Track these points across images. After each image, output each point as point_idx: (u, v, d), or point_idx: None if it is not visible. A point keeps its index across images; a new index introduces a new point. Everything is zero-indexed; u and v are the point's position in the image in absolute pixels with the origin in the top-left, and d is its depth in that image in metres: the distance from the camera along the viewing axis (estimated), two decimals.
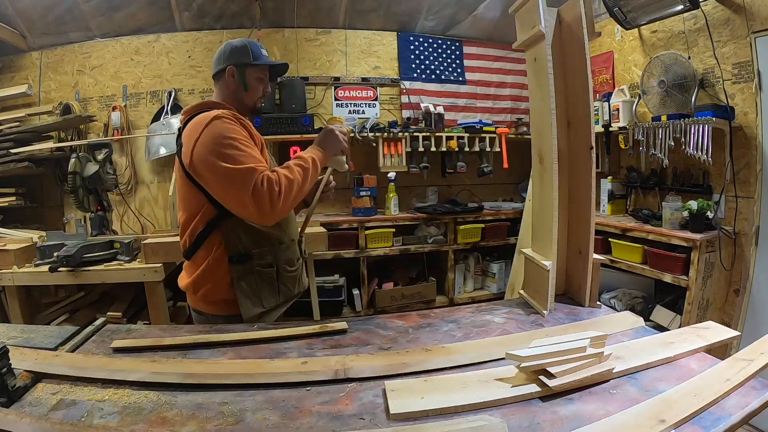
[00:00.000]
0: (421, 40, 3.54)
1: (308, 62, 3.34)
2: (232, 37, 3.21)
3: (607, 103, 2.97)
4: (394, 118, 3.46)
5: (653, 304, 2.54)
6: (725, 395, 0.85)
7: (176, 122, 3.07)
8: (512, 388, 0.90)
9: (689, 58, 2.52)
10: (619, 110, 2.90)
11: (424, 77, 3.54)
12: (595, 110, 2.88)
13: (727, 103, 2.39)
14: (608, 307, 1.43)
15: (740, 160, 2.38)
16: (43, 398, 0.89)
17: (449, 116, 3.54)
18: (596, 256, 1.41)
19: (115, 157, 2.89)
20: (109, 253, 2.25)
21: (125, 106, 3.15)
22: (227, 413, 0.85)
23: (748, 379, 0.89)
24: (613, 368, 0.95)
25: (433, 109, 3.37)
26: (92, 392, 0.92)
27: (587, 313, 1.36)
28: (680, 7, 2.49)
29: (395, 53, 3.50)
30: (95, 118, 3.10)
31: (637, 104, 2.80)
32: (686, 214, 2.34)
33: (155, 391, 0.92)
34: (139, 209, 3.20)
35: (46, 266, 2.08)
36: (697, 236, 2.23)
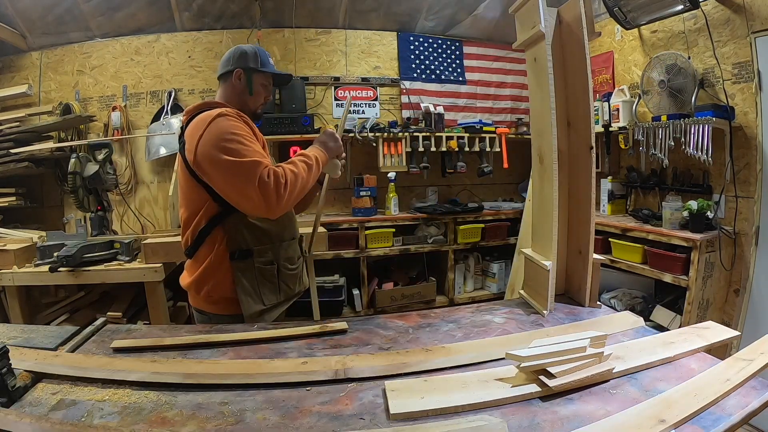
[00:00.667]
0: (421, 40, 3.54)
1: (308, 62, 3.34)
2: (232, 37, 3.22)
3: (607, 103, 2.97)
4: (394, 118, 3.46)
5: (653, 304, 2.54)
6: (725, 395, 0.85)
7: (176, 122, 3.07)
8: (512, 388, 0.90)
9: (689, 58, 2.52)
10: (619, 110, 2.90)
11: (424, 77, 3.54)
12: (595, 110, 2.88)
13: (727, 103, 2.39)
14: (608, 307, 1.43)
15: (740, 160, 2.38)
16: (43, 398, 0.89)
17: (449, 116, 3.54)
18: (596, 256, 1.41)
19: (115, 157, 2.89)
20: (109, 253, 2.25)
21: (125, 106, 3.15)
22: (227, 413, 0.85)
23: (748, 379, 0.89)
24: (613, 368, 0.95)
25: (433, 109, 3.37)
26: (92, 392, 0.92)
27: (587, 313, 1.36)
28: (680, 7, 2.49)
29: (395, 53, 3.50)
30: (95, 118, 3.10)
31: (637, 104, 2.80)
32: (686, 214, 2.34)
33: (155, 391, 0.92)
34: (139, 209, 3.20)
35: (46, 266, 2.08)
36: (697, 236, 2.23)
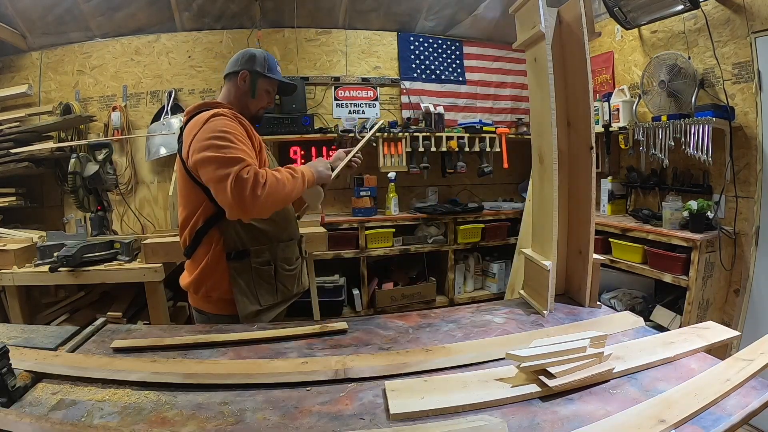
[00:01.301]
0: (421, 40, 3.54)
1: (308, 62, 3.34)
2: (232, 37, 3.22)
3: (607, 103, 2.97)
4: (394, 118, 3.46)
5: (653, 304, 2.54)
6: (725, 395, 0.85)
7: (176, 122, 3.07)
8: (512, 388, 0.90)
9: (689, 58, 2.52)
10: (619, 110, 2.90)
11: (424, 77, 3.54)
12: (595, 110, 2.88)
13: (727, 103, 2.39)
14: (608, 307, 1.43)
15: (740, 160, 2.38)
16: (43, 398, 0.89)
17: (449, 116, 3.54)
18: (596, 256, 1.41)
19: (115, 157, 2.89)
20: (109, 253, 2.25)
21: (125, 106, 3.15)
22: (227, 413, 0.85)
23: (748, 379, 0.89)
24: (613, 368, 0.95)
25: (433, 109, 3.37)
26: (92, 392, 0.92)
27: (587, 313, 1.36)
28: (680, 7, 2.49)
29: (395, 53, 3.50)
30: (95, 118, 3.10)
31: (637, 104, 2.80)
32: (686, 214, 2.34)
33: (155, 391, 0.92)
34: (139, 209, 3.20)
35: (46, 266, 2.08)
36: (697, 236, 2.23)
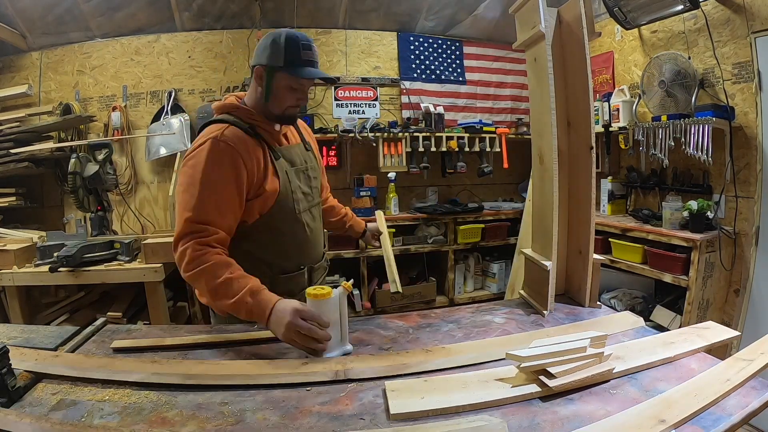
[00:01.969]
0: (421, 40, 3.53)
1: None
2: (232, 37, 3.22)
3: (607, 103, 2.97)
4: (394, 118, 3.45)
5: (653, 304, 2.54)
6: (725, 395, 0.85)
7: (176, 122, 3.07)
8: (512, 388, 0.90)
9: (689, 58, 2.52)
10: (619, 110, 2.90)
11: (424, 77, 3.54)
12: (595, 110, 2.87)
13: (727, 103, 2.39)
14: (608, 307, 1.43)
15: (740, 160, 2.38)
16: (43, 398, 0.89)
17: (449, 116, 3.54)
18: (596, 256, 1.41)
19: (115, 157, 2.89)
20: (109, 253, 2.25)
21: (125, 106, 3.15)
22: (227, 413, 0.85)
23: (748, 379, 0.89)
24: (613, 368, 0.95)
25: (433, 109, 3.37)
26: (92, 392, 0.92)
27: (587, 313, 1.36)
28: (680, 7, 2.49)
29: (395, 53, 3.50)
30: (95, 118, 3.10)
31: (637, 104, 2.80)
32: (686, 214, 2.34)
33: (155, 391, 0.92)
34: (139, 209, 3.20)
35: (46, 266, 2.09)
36: (697, 236, 2.23)
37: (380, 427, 0.81)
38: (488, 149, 3.38)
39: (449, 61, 3.60)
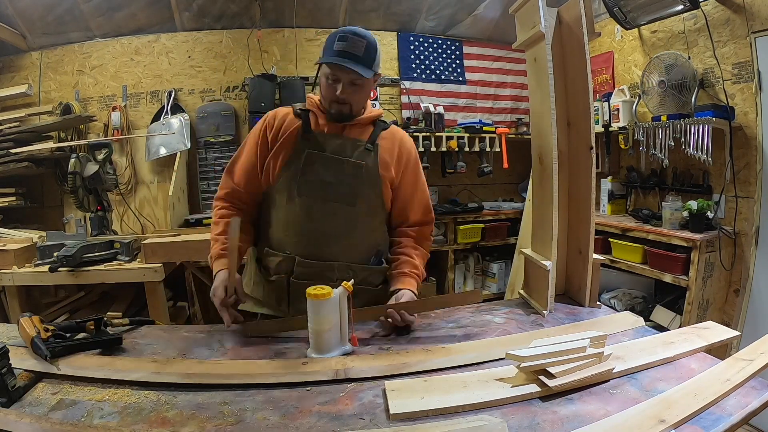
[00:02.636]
0: (421, 40, 3.53)
1: (308, 62, 3.34)
2: (232, 37, 3.21)
3: (607, 103, 2.97)
4: (394, 118, 3.45)
5: (653, 304, 2.54)
6: (725, 395, 0.85)
7: (176, 122, 3.07)
8: (512, 388, 0.90)
9: (689, 58, 2.52)
10: (619, 110, 2.90)
11: (424, 77, 3.54)
12: (595, 110, 2.87)
13: (727, 103, 2.39)
14: (608, 307, 1.43)
15: (740, 160, 2.38)
16: (43, 398, 0.89)
17: (449, 116, 3.54)
18: (596, 256, 1.41)
19: (115, 157, 2.88)
20: (109, 253, 2.25)
21: (125, 106, 3.14)
22: (227, 413, 0.85)
23: (748, 379, 0.88)
24: (613, 368, 0.95)
25: (433, 109, 3.37)
26: (92, 392, 0.92)
27: (587, 313, 1.36)
28: (680, 7, 2.49)
29: (395, 53, 3.50)
30: (95, 118, 3.09)
31: (637, 104, 2.80)
32: (686, 214, 2.34)
33: (155, 391, 0.92)
34: (139, 209, 3.20)
35: (46, 266, 2.08)
36: (697, 236, 2.23)
37: (380, 427, 0.81)
38: (488, 149, 3.38)
39: (449, 61, 3.60)
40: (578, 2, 1.31)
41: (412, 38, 3.51)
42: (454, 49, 3.61)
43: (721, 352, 1.11)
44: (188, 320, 2.64)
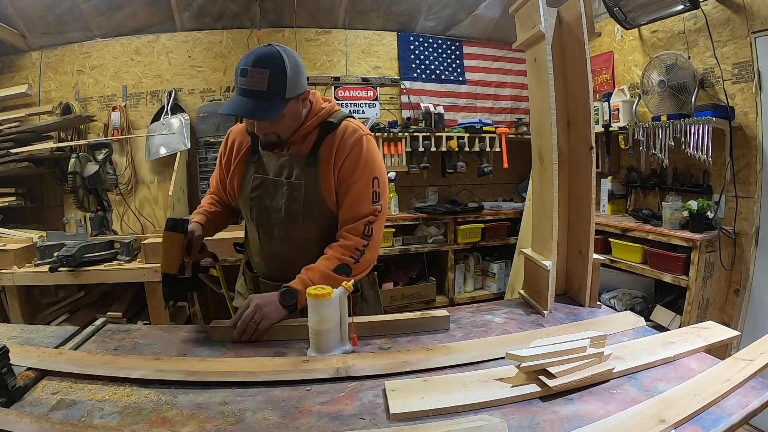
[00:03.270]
0: (421, 40, 3.54)
1: (308, 62, 3.34)
2: (232, 37, 3.21)
3: (607, 103, 2.97)
4: (394, 118, 3.45)
5: (653, 304, 2.54)
6: (725, 395, 0.85)
7: (176, 122, 3.08)
8: (512, 388, 0.90)
9: (689, 58, 2.52)
10: (619, 110, 2.90)
11: (424, 77, 3.54)
12: (595, 110, 2.87)
13: (727, 103, 2.39)
14: (608, 307, 1.43)
15: (740, 160, 2.38)
16: (43, 398, 0.89)
17: (449, 116, 3.54)
18: (596, 256, 1.41)
19: (115, 157, 2.89)
20: (109, 253, 2.25)
21: (125, 106, 3.14)
22: (227, 413, 0.85)
23: (748, 379, 0.89)
24: (613, 368, 0.95)
25: (433, 109, 3.37)
26: (92, 392, 0.92)
27: (587, 313, 1.36)
28: (680, 7, 2.49)
29: (395, 53, 3.50)
30: (95, 118, 3.10)
31: (637, 104, 2.80)
32: (686, 214, 2.34)
33: (155, 390, 0.92)
34: (139, 209, 3.20)
35: (46, 266, 2.08)
36: (697, 236, 2.23)
37: (380, 426, 0.81)
38: (488, 149, 3.38)
39: (449, 61, 3.60)
40: (578, 2, 1.31)
41: (412, 38, 3.51)
42: (454, 49, 3.61)
43: (721, 352, 1.11)
44: (188, 320, 2.64)
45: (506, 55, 3.72)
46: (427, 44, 3.55)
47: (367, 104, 3.44)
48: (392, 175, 3.14)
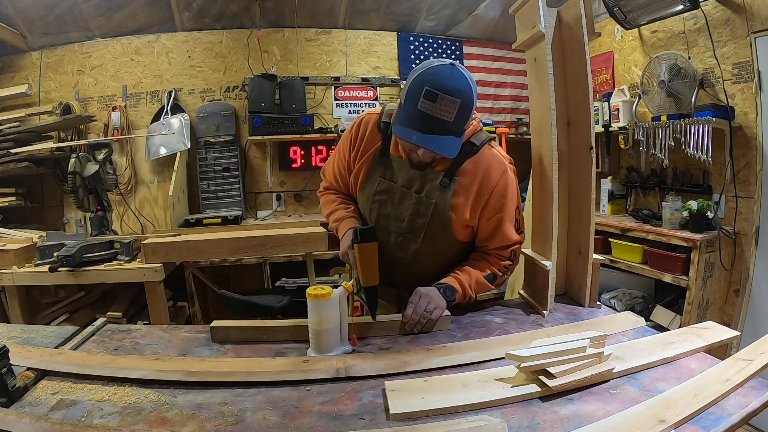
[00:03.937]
0: (421, 40, 3.54)
1: (308, 62, 3.34)
2: (232, 37, 3.21)
3: (607, 103, 2.97)
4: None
5: (653, 304, 2.54)
6: (725, 395, 0.85)
7: (176, 122, 3.08)
8: (512, 388, 0.90)
9: (689, 58, 2.52)
10: (619, 110, 2.90)
11: None
12: (595, 110, 2.87)
13: (727, 103, 2.39)
14: (608, 307, 1.43)
15: (740, 160, 2.38)
16: (43, 398, 0.89)
17: None
18: (596, 256, 1.41)
19: (115, 157, 2.88)
20: (109, 253, 2.25)
21: (125, 106, 3.15)
22: (227, 413, 0.85)
23: (748, 379, 0.88)
24: (613, 368, 0.95)
25: None
26: (92, 392, 0.92)
27: (587, 313, 1.36)
28: (680, 7, 2.49)
29: (395, 53, 3.50)
30: (95, 118, 3.10)
31: (637, 104, 2.80)
32: (686, 214, 2.34)
33: (155, 390, 0.92)
34: (139, 209, 3.20)
35: (46, 266, 2.08)
36: (697, 236, 2.23)
37: (380, 427, 0.81)
38: None
39: None
40: (578, 2, 1.31)
41: (412, 38, 3.51)
42: (454, 49, 3.61)
43: (721, 352, 1.11)
44: (188, 320, 2.64)
45: (506, 55, 3.71)
46: (427, 44, 3.55)
47: (367, 104, 3.44)
48: None
